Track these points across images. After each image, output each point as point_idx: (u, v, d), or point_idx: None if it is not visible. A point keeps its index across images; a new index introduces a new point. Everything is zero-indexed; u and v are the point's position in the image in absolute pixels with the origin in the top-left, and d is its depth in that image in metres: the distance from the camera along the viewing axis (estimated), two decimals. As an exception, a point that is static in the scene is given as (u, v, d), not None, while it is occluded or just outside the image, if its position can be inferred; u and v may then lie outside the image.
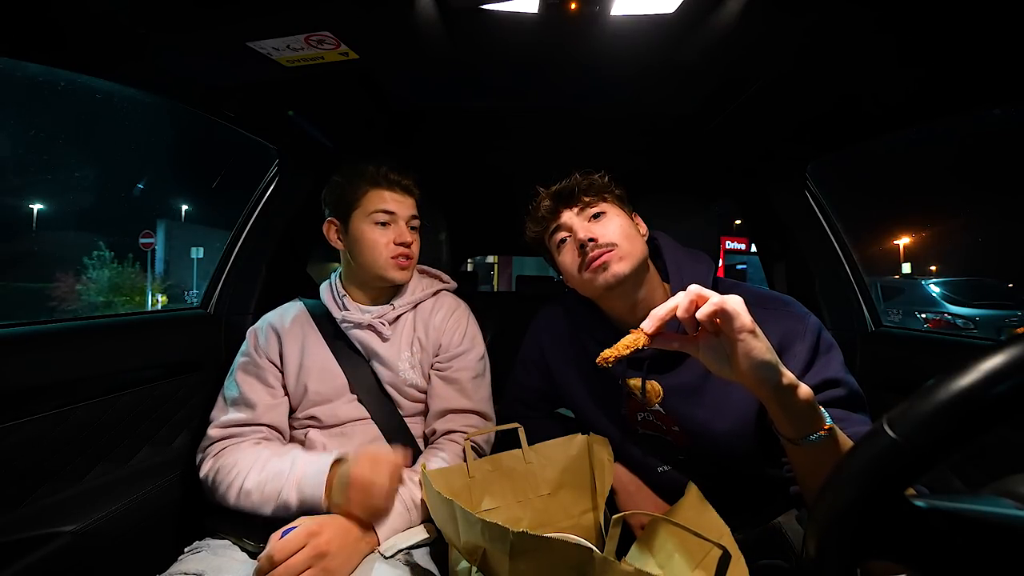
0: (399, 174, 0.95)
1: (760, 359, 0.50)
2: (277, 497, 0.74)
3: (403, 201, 0.95)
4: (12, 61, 0.70)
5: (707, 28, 0.75)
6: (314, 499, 0.73)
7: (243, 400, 0.87)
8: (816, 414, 0.52)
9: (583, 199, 0.80)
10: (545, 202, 0.83)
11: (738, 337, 0.50)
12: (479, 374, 0.97)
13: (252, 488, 0.76)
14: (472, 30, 0.79)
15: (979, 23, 0.68)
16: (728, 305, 0.49)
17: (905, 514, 0.28)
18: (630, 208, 0.86)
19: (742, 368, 0.51)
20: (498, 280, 17.20)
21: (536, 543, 0.49)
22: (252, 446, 0.83)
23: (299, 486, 0.74)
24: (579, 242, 0.77)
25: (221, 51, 0.77)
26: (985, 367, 0.26)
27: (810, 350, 0.70)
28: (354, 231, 0.92)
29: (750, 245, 12.84)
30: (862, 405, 0.69)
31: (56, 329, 0.86)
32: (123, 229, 29.33)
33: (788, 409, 0.52)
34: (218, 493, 0.78)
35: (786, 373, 0.51)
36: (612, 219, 0.79)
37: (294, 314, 0.97)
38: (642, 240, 0.81)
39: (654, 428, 0.84)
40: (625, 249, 0.76)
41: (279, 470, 0.76)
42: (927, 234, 30.65)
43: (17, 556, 0.71)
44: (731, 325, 0.50)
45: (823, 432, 0.52)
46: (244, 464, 0.79)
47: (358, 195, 0.92)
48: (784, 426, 0.53)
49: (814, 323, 0.73)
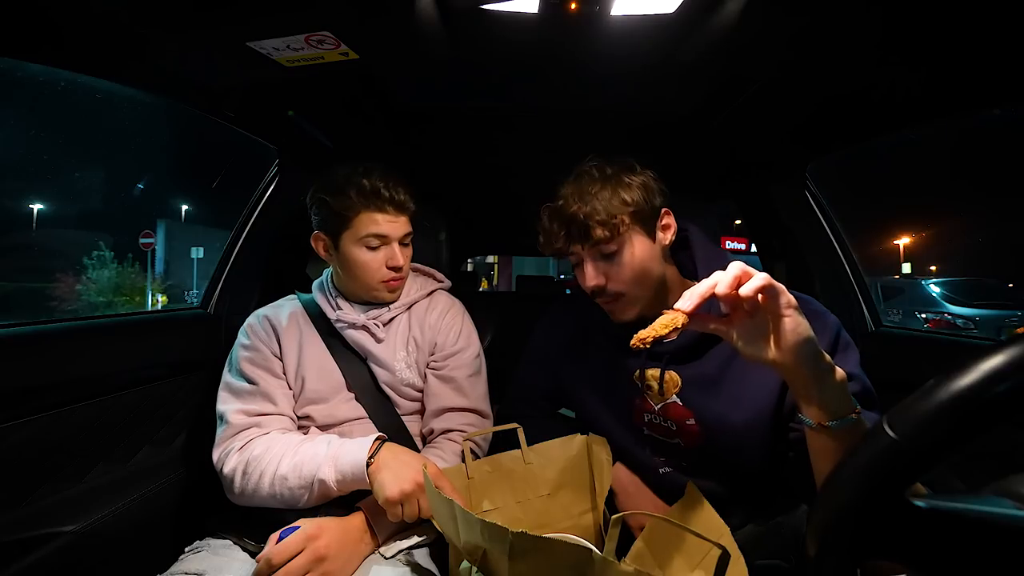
0: (392, 188, 0.86)
1: (806, 335, 0.49)
2: (314, 475, 0.71)
3: (396, 221, 0.88)
4: (12, 61, 0.70)
5: (707, 28, 0.75)
6: (354, 475, 0.70)
7: (259, 391, 0.84)
8: (848, 397, 0.52)
9: (596, 234, 0.73)
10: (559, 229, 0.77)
11: (784, 313, 0.49)
12: (475, 372, 0.97)
13: (288, 472, 0.73)
14: (472, 30, 0.78)
15: (979, 23, 0.68)
16: (774, 281, 0.49)
17: (905, 514, 0.28)
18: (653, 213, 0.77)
19: (786, 345, 0.50)
20: (498, 280, 17.19)
21: (536, 543, 0.49)
22: (280, 435, 0.81)
23: (336, 463, 0.72)
24: (586, 289, 0.77)
25: (221, 51, 0.77)
26: (985, 367, 0.26)
27: (830, 345, 0.70)
28: (344, 251, 0.88)
29: (750, 245, 12.84)
30: (875, 403, 0.69)
31: (56, 329, 0.86)
32: (123, 229, 29.32)
33: (825, 389, 0.51)
34: (249, 486, 0.75)
35: (823, 353, 0.51)
36: (627, 254, 0.74)
37: (290, 311, 0.95)
38: (659, 263, 0.78)
39: (661, 431, 0.83)
40: (633, 295, 0.76)
41: (314, 452, 0.74)
42: (927, 234, 30.68)
43: (17, 556, 0.71)
44: (777, 301, 0.49)
45: (854, 416, 0.51)
46: (276, 451, 0.76)
47: (348, 216, 0.85)
48: (815, 410, 0.52)
49: (834, 321, 0.73)
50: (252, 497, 0.75)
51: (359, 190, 0.85)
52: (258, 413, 0.83)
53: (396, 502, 0.67)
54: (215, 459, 0.79)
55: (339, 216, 0.86)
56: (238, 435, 0.80)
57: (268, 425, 0.82)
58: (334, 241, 0.89)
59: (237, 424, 0.81)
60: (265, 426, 0.82)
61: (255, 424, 0.82)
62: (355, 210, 0.86)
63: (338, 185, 0.86)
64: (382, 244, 0.88)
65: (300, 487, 0.72)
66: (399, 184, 0.88)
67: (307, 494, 0.73)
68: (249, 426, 0.81)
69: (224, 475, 0.77)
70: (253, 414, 0.82)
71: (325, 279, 1.00)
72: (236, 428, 0.80)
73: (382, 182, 0.86)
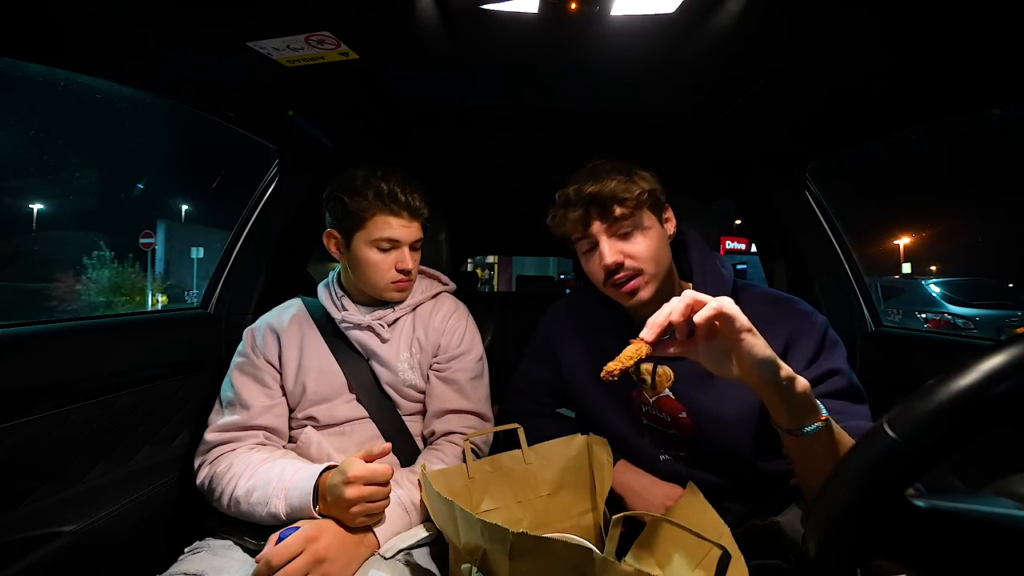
0: (409, 193, 0.88)
1: (761, 356, 0.51)
2: (266, 505, 0.73)
3: (409, 226, 0.89)
4: (12, 61, 0.70)
5: (707, 28, 0.75)
6: (301, 510, 0.71)
7: (239, 401, 0.87)
8: (813, 405, 0.54)
9: (615, 212, 0.75)
10: (576, 210, 0.77)
11: (739, 337, 0.51)
12: (477, 375, 0.98)
13: (241, 496, 0.75)
14: (472, 30, 0.78)
15: (979, 23, 0.68)
16: (726, 307, 0.51)
17: (905, 514, 0.28)
18: (664, 206, 0.81)
19: (744, 366, 0.53)
20: (498, 280, 17.21)
21: (536, 544, 0.49)
22: (246, 452, 0.82)
23: (287, 496, 0.73)
24: (605, 267, 0.76)
25: (221, 51, 0.77)
26: (985, 367, 0.26)
27: (816, 345, 0.73)
28: (355, 250, 0.89)
29: (750, 245, 12.85)
30: (862, 399, 0.71)
31: (56, 329, 0.86)
32: (123, 229, 29.35)
33: (787, 401, 0.54)
34: (213, 499, 0.79)
35: (784, 367, 0.53)
36: (644, 237, 0.76)
37: (292, 313, 0.96)
38: (668, 250, 0.80)
39: (658, 422, 0.85)
40: (652, 272, 0.76)
41: (268, 478, 0.75)
42: (927, 234, 30.67)
43: (17, 556, 0.71)
44: (732, 326, 0.51)
45: (820, 423, 0.54)
46: (236, 470, 0.79)
47: (363, 217, 0.87)
48: (782, 418, 0.55)
49: (821, 320, 0.76)
50: (221, 509, 0.78)
51: (377, 192, 0.86)
52: (234, 427, 0.85)
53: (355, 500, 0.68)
54: (195, 467, 0.85)
55: (354, 216, 0.87)
56: (211, 451, 0.84)
57: (242, 441, 0.84)
58: (346, 240, 0.90)
59: (211, 441, 0.84)
60: (237, 442, 0.84)
61: (227, 440, 0.84)
62: (370, 212, 0.87)
63: (356, 185, 0.87)
64: (393, 247, 0.89)
65: (250, 511, 0.74)
66: (416, 190, 0.89)
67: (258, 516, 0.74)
68: (222, 442, 0.84)
69: (198, 485, 0.83)
70: (228, 428, 0.85)
71: (331, 280, 1.00)
72: (209, 445, 0.84)
73: (399, 187, 0.87)
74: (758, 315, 0.77)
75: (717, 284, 0.80)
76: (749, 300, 0.80)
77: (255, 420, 0.86)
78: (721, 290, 0.78)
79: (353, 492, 0.67)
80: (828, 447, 0.55)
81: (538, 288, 2.28)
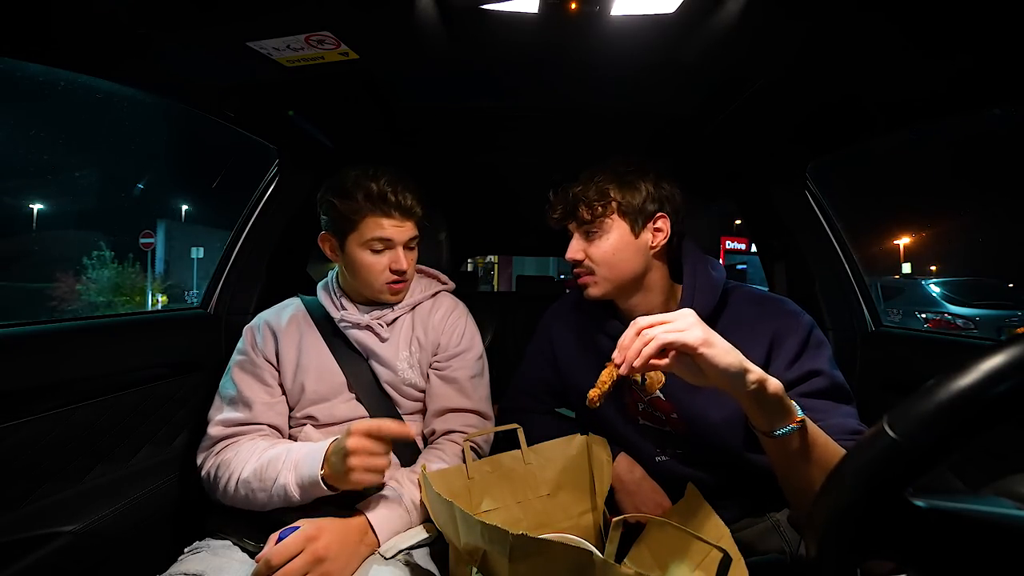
0: (400, 193, 0.86)
1: (723, 364, 0.53)
2: (275, 480, 0.73)
3: (402, 226, 0.88)
4: (12, 61, 0.70)
5: (707, 28, 0.75)
6: (312, 476, 0.71)
7: (241, 399, 0.87)
8: (787, 407, 0.55)
9: (583, 215, 0.82)
10: (556, 212, 0.87)
11: (697, 352, 0.53)
12: (477, 374, 0.98)
13: (250, 476, 0.75)
14: (472, 30, 0.78)
15: (979, 23, 0.68)
16: (667, 336, 0.54)
17: (905, 514, 0.28)
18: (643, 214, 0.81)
19: (711, 376, 0.55)
20: (498, 280, 17.20)
21: (536, 546, 0.49)
22: (251, 441, 0.83)
23: (296, 467, 0.73)
24: (567, 259, 0.85)
25: (221, 51, 0.77)
26: (985, 367, 0.26)
27: (800, 344, 0.74)
28: (349, 252, 0.89)
29: (750, 245, 12.85)
30: (847, 398, 0.72)
31: (56, 329, 0.86)
32: (123, 229, 29.26)
33: (759, 404, 0.55)
34: (219, 488, 0.79)
35: (753, 371, 0.54)
36: (605, 239, 0.82)
37: (291, 312, 0.96)
38: (641, 257, 0.82)
39: (654, 420, 0.86)
40: (602, 274, 0.83)
41: (276, 454, 0.76)
42: (927, 234, 30.62)
43: (17, 556, 0.71)
44: (687, 348, 0.54)
45: (793, 424, 0.55)
46: (243, 456, 0.79)
47: (355, 220, 0.86)
48: (758, 420, 0.57)
49: (807, 320, 0.77)
50: (226, 498, 0.78)
51: (366, 194, 0.85)
52: (238, 423, 0.85)
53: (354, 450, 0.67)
54: (197, 462, 0.85)
55: (346, 219, 0.87)
56: (215, 444, 0.84)
57: (245, 435, 0.85)
58: (340, 242, 0.91)
59: (214, 435, 0.85)
60: (241, 437, 0.85)
61: (231, 435, 0.84)
62: (361, 214, 0.86)
63: (346, 188, 0.86)
64: (386, 248, 0.89)
65: (260, 488, 0.74)
66: (407, 189, 0.88)
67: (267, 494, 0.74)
68: (226, 436, 0.84)
69: (202, 477, 0.83)
70: (232, 424, 0.85)
71: (330, 279, 1.01)
72: (213, 439, 0.85)
73: (390, 187, 0.86)
74: (744, 316, 0.80)
75: (705, 290, 0.82)
76: (737, 302, 0.82)
77: (257, 418, 0.86)
78: (708, 295, 0.81)
79: (353, 442, 0.67)
80: (803, 448, 0.56)
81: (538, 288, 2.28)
